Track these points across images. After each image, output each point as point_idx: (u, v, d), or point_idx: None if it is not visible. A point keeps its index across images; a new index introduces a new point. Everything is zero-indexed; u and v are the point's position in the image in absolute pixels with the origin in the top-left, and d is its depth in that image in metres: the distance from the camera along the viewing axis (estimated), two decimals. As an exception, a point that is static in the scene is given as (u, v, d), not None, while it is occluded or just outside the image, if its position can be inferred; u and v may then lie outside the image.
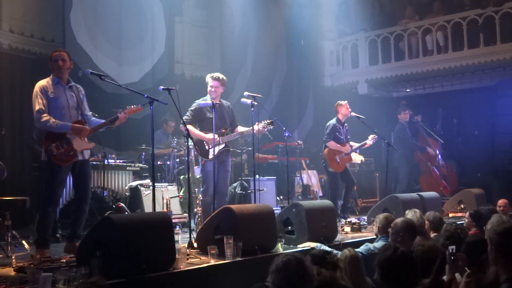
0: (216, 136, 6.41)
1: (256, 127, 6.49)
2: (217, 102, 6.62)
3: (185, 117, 6.50)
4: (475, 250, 3.77)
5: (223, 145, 6.58)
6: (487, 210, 6.30)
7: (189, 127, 6.40)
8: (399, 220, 4.69)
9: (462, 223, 6.24)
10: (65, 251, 5.19)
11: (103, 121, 5.49)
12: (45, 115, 5.13)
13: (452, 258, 3.37)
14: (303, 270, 2.77)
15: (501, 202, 7.23)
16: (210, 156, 6.48)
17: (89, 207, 5.56)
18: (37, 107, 5.14)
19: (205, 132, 6.56)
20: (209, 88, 6.63)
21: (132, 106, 5.49)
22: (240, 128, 6.74)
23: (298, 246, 5.50)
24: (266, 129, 6.69)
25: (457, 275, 3.41)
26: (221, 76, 6.69)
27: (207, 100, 6.61)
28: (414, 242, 4.48)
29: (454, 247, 3.43)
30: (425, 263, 3.45)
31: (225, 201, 6.56)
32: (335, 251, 4.97)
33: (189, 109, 6.67)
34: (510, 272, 3.03)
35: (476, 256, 3.60)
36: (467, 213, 6.23)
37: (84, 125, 5.31)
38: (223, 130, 6.60)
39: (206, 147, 6.55)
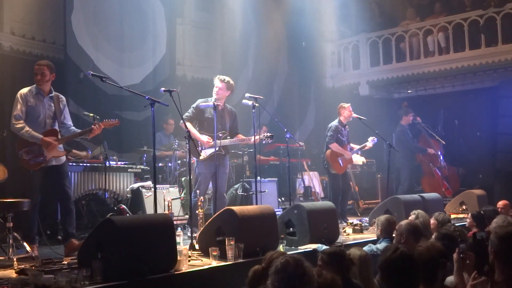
0: (210, 138, 6.41)
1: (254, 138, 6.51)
2: (220, 104, 6.61)
3: (186, 114, 6.51)
4: (478, 251, 3.76)
5: (217, 149, 6.43)
6: (490, 211, 6.29)
7: (188, 124, 6.39)
8: (403, 222, 4.71)
9: (464, 224, 6.25)
10: (66, 255, 5.22)
11: (79, 131, 5.72)
12: (21, 121, 5.48)
13: (461, 256, 3.36)
14: (301, 271, 2.75)
15: (501, 203, 7.18)
16: (201, 157, 6.49)
17: (74, 205, 5.75)
18: (14, 112, 5.50)
19: (202, 132, 6.57)
20: (214, 89, 6.63)
21: (111, 120, 5.82)
22: (240, 136, 6.69)
23: (300, 247, 5.49)
24: (264, 141, 6.68)
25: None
26: (227, 79, 6.67)
27: (209, 101, 6.60)
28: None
29: (464, 245, 3.42)
30: (426, 264, 3.41)
31: (224, 202, 6.56)
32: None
33: (192, 106, 6.67)
34: (508, 274, 3.03)
35: (478, 256, 3.59)
36: (469, 214, 6.22)
37: (57, 136, 5.56)
38: (221, 134, 6.58)
39: (199, 148, 6.52)
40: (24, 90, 5.60)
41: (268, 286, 2.83)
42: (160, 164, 8.59)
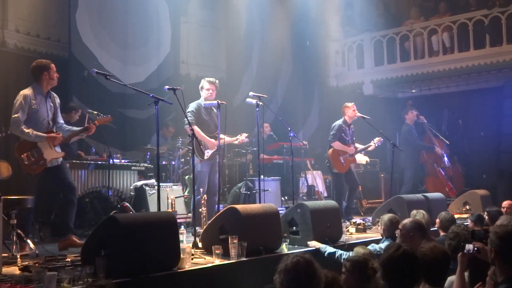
0: (215, 139, 6.65)
1: (238, 137, 6.94)
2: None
3: (191, 118, 6.67)
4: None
5: (215, 149, 6.77)
6: (494, 212, 6.26)
7: (196, 128, 6.63)
8: (407, 220, 4.67)
9: (467, 225, 6.23)
10: (59, 249, 5.27)
11: (74, 128, 5.75)
12: (24, 125, 5.36)
13: (475, 251, 3.36)
14: (312, 272, 2.73)
15: (505, 203, 7.16)
16: (205, 157, 6.73)
17: (77, 198, 5.71)
18: (19, 115, 5.34)
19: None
20: (205, 92, 6.88)
21: (104, 116, 5.84)
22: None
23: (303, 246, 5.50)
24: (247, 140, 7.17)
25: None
26: (216, 80, 7.03)
27: (200, 103, 6.88)
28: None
29: (470, 245, 3.43)
30: (430, 266, 3.39)
31: (214, 200, 6.72)
32: (340, 251, 4.99)
33: (191, 110, 6.81)
34: (507, 273, 3.03)
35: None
36: (469, 219, 6.18)
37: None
38: (216, 134, 6.74)
39: (202, 148, 6.69)
40: (27, 92, 5.48)
41: (276, 282, 2.81)
42: (163, 162, 8.60)
